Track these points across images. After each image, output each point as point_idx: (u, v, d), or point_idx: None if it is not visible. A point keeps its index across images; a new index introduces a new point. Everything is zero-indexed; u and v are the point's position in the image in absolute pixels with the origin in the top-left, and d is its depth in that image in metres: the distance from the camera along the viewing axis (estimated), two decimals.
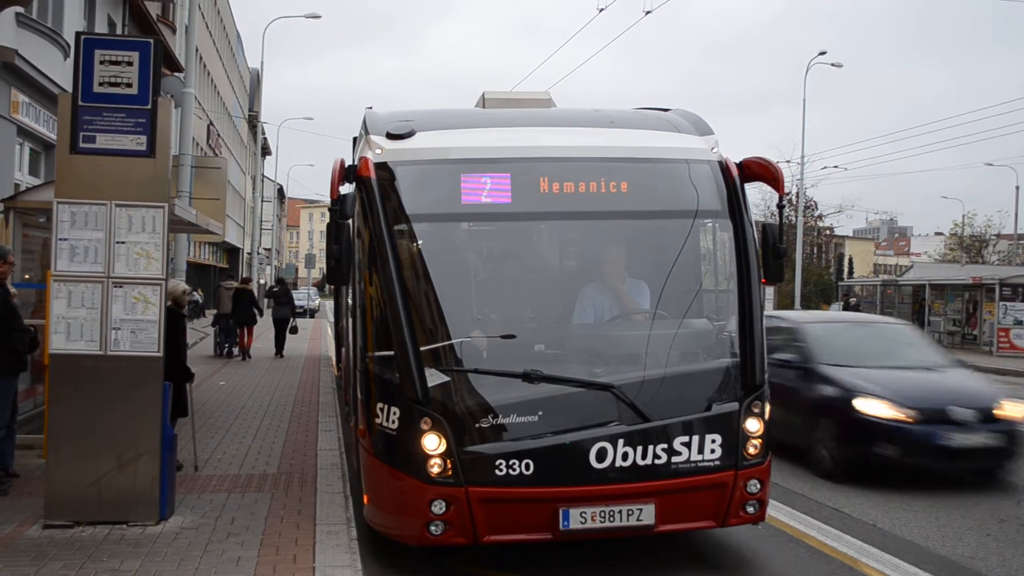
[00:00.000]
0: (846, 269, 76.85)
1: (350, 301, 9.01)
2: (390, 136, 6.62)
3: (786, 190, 7.45)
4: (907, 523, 8.09)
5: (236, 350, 22.41)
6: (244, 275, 31.98)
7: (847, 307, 40.24)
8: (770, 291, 38.17)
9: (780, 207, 7.19)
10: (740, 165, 6.94)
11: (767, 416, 6.49)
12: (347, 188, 6.61)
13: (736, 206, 6.73)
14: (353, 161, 6.89)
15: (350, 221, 6.57)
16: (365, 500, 6.63)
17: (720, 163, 6.88)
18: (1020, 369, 24.73)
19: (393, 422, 6.08)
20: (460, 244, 7.09)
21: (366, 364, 6.51)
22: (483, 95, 8.56)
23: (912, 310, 37.79)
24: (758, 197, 48.21)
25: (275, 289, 25.59)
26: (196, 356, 21.79)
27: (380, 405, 6.21)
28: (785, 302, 45.73)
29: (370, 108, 7.67)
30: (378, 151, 6.54)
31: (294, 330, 23.87)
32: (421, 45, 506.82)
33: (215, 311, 23.96)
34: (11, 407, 8.05)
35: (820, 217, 62.91)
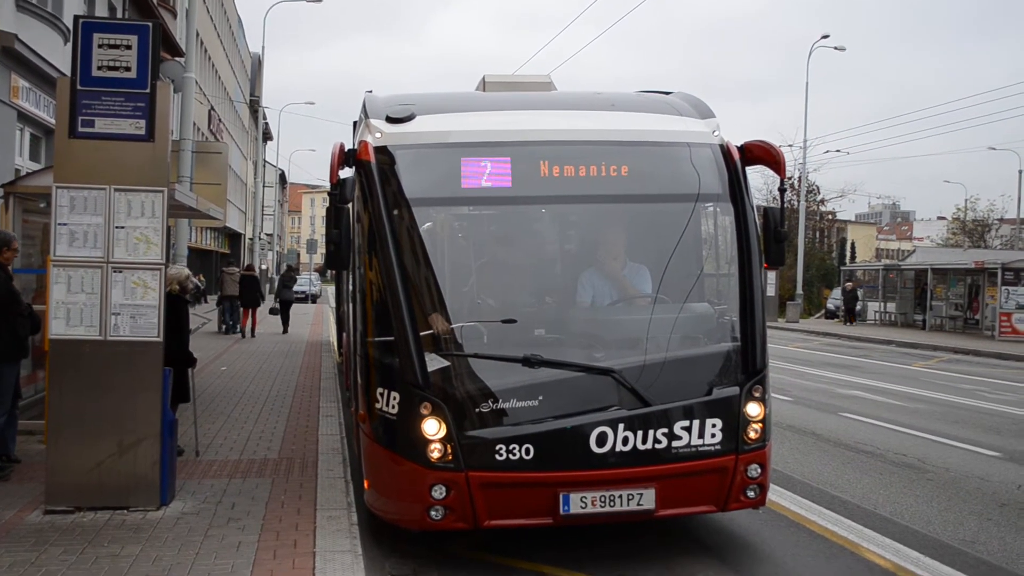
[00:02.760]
0: (848, 254, 76.58)
1: (350, 286, 8.99)
2: (390, 120, 6.58)
3: (788, 174, 7.42)
4: (908, 508, 8.09)
5: (238, 327, 24.66)
6: (247, 262, 35.48)
7: (845, 293, 40.27)
8: (772, 275, 38.14)
9: (782, 191, 7.17)
10: (742, 148, 6.91)
11: (768, 400, 6.48)
12: (347, 172, 6.58)
13: (737, 190, 6.70)
14: (353, 145, 6.86)
15: (350, 205, 6.54)
16: (366, 485, 6.63)
17: (722, 146, 6.85)
18: (1022, 354, 24.70)
19: (393, 407, 6.07)
20: (460, 228, 7.07)
21: (366, 349, 6.50)
22: (483, 78, 8.52)
23: (914, 295, 37.78)
24: (760, 181, 48.24)
25: (291, 274, 29.97)
26: (202, 334, 23.47)
27: (380, 390, 6.21)
28: (787, 287, 45.69)
29: (370, 92, 7.62)
30: (378, 135, 6.50)
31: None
32: (421, 33, 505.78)
33: (219, 294, 26.80)
34: (13, 393, 8.05)
35: (822, 201, 62.77)
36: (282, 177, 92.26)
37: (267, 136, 74.66)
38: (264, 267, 55.62)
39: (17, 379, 8.20)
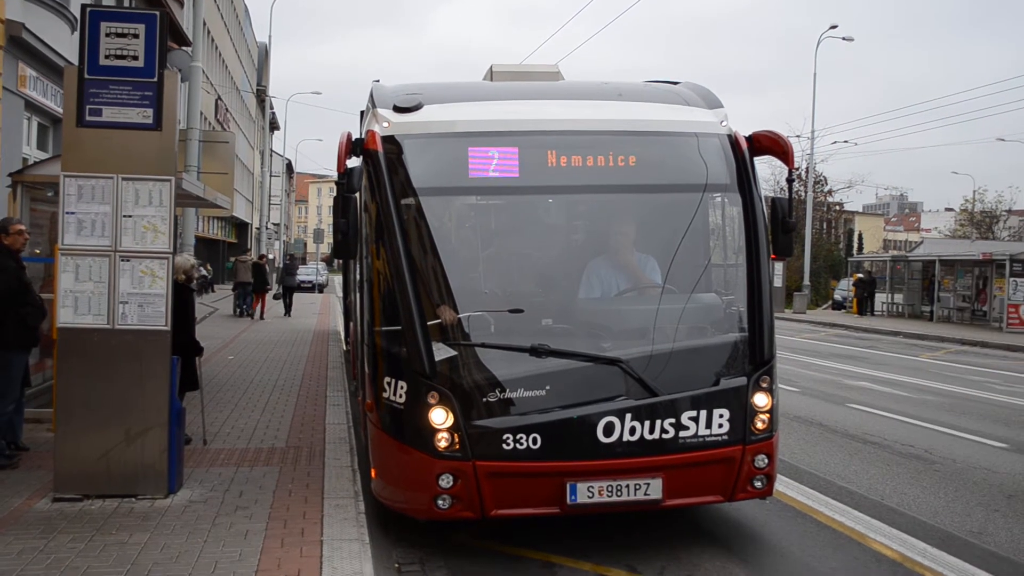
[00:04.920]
0: (856, 245, 76.40)
1: (358, 276, 8.99)
2: (397, 109, 6.57)
3: (796, 165, 7.39)
4: (915, 499, 8.08)
5: (251, 310, 27.70)
6: (260, 252, 40.14)
7: (860, 283, 40.13)
8: (779, 266, 38.07)
9: (789, 181, 7.15)
10: (749, 139, 6.88)
11: (775, 391, 6.47)
12: (354, 162, 6.58)
13: (745, 180, 6.68)
14: (360, 135, 6.85)
15: (357, 195, 6.54)
16: (373, 474, 6.64)
17: (729, 136, 6.82)
18: None
19: (400, 396, 6.08)
20: (467, 218, 7.06)
21: (374, 338, 6.50)
22: (491, 68, 8.50)
23: (922, 286, 37.66)
24: (767, 172, 48.12)
25: (294, 263, 33.38)
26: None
27: (388, 379, 6.21)
28: (794, 277, 45.62)
29: (377, 81, 7.61)
30: (385, 124, 6.49)
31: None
32: (425, 24, 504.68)
33: (234, 280, 29.96)
34: (22, 381, 8.07)
35: (830, 192, 62.57)
36: (289, 166, 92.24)
37: (274, 126, 74.75)
38: (271, 256, 55.93)
39: (26, 367, 8.23)
